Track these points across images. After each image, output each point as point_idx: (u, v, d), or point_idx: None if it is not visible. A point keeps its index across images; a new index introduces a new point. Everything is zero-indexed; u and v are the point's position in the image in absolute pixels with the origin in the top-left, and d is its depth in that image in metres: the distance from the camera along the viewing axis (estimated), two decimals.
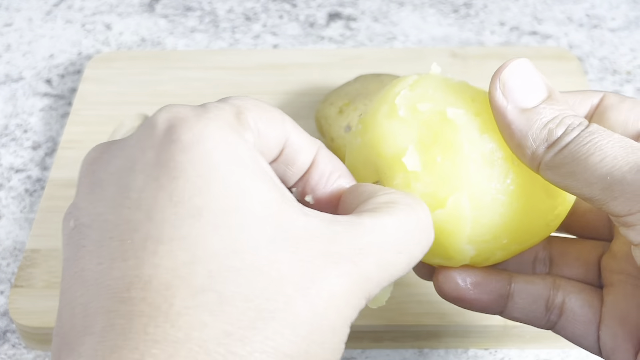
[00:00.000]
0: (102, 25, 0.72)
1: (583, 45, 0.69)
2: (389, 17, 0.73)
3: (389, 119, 0.33)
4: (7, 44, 0.71)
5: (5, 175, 0.59)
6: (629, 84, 0.66)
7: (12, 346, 0.49)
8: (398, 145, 0.33)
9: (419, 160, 0.32)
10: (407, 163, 0.32)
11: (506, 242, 0.33)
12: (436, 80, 0.34)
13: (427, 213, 0.29)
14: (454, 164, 0.32)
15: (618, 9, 0.73)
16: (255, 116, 0.28)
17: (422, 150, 0.32)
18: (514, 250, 0.34)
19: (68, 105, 0.64)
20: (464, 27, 0.71)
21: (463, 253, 0.33)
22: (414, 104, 0.33)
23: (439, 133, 0.32)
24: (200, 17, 0.73)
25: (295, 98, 0.61)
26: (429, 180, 0.32)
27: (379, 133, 0.33)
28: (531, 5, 0.74)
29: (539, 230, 0.34)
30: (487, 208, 0.32)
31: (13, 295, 0.48)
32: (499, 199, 0.32)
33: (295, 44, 0.70)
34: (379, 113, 0.34)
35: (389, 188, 0.30)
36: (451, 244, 0.33)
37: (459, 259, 0.33)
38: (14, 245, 0.54)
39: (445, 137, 0.32)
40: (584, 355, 0.48)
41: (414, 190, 0.32)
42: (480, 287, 0.34)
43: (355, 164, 0.34)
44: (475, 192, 0.31)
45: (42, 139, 0.62)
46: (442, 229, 0.32)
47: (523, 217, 0.32)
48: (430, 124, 0.32)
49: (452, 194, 0.32)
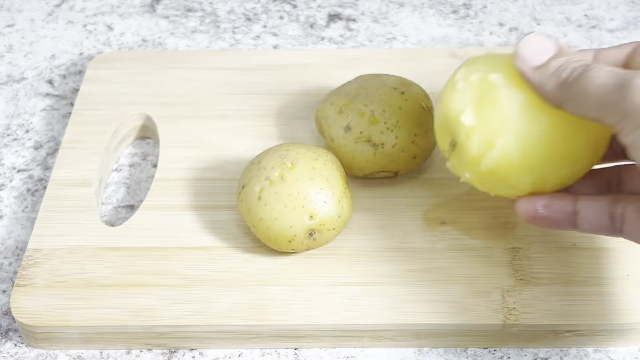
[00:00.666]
0: (103, 26, 0.73)
1: (581, 45, 0.70)
2: (389, 17, 0.73)
3: (451, 91, 0.44)
4: (9, 44, 0.71)
5: (7, 175, 0.59)
6: None
7: (14, 345, 0.49)
8: (458, 108, 0.43)
9: (473, 117, 0.43)
10: (464, 121, 0.43)
11: (554, 168, 0.42)
12: (486, 56, 0.45)
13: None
14: (498, 114, 0.42)
15: (616, 9, 0.74)
16: None
17: (476, 109, 0.43)
18: (565, 175, 0.43)
19: (70, 105, 0.65)
20: (463, 28, 0.72)
21: (521, 181, 0.43)
22: (467, 77, 0.44)
23: (486, 94, 0.42)
24: (201, 17, 0.73)
25: (295, 98, 0.61)
26: (482, 130, 0.42)
27: (446, 103, 0.44)
28: (530, 6, 0.74)
29: (581, 156, 0.43)
30: (528, 142, 0.42)
31: (15, 294, 0.49)
32: (537, 134, 0.41)
33: (296, 44, 0.70)
34: (446, 89, 0.45)
35: None
36: (509, 176, 0.43)
37: (520, 187, 0.44)
38: (15, 244, 0.55)
39: (491, 96, 0.42)
40: (582, 354, 0.48)
41: (472, 140, 0.43)
42: (550, 207, 0.44)
43: (437, 130, 0.46)
44: (517, 132, 0.42)
45: (44, 139, 0.62)
46: (498, 164, 0.42)
47: (561, 146, 0.42)
48: (480, 88, 0.43)
49: (499, 137, 0.42)
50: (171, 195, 0.54)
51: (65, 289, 0.49)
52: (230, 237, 0.52)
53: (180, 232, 0.52)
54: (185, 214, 0.53)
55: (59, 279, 0.49)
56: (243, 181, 0.50)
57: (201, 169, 0.56)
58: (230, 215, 0.53)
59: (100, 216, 0.55)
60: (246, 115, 0.60)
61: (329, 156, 0.51)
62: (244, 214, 0.50)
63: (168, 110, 0.60)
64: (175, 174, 0.56)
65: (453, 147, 0.44)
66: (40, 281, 0.49)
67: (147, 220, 0.53)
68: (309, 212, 0.48)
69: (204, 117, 0.60)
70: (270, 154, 0.50)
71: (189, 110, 0.60)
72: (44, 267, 0.50)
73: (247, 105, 0.61)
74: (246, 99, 0.61)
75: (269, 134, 0.58)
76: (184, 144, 0.58)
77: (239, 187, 0.50)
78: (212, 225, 0.52)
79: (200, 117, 0.60)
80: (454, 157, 0.45)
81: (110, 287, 0.49)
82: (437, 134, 0.46)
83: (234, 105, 0.61)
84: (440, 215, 0.53)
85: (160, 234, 0.52)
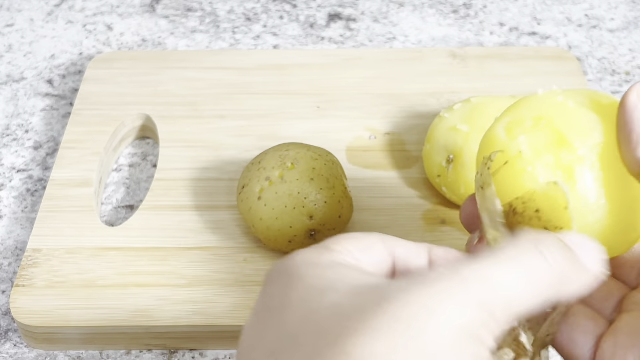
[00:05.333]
0: (103, 26, 0.73)
1: (582, 45, 0.70)
2: (389, 17, 0.73)
3: None
4: (9, 44, 0.71)
5: (7, 175, 0.59)
6: (628, 84, 0.66)
7: (14, 345, 0.49)
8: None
9: None
10: None
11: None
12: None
13: None
14: None
15: (617, 9, 0.74)
16: (346, 243, 0.31)
17: None
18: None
19: (69, 105, 0.65)
20: (463, 28, 0.72)
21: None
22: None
23: None
24: (201, 17, 0.73)
25: (295, 98, 0.61)
26: None
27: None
28: (530, 6, 0.74)
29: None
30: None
31: (14, 294, 0.48)
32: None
33: (296, 44, 0.70)
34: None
35: None
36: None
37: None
38: (15, 244, 0.54)
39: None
40: None
41: None
42: None
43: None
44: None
45: (44, 139, 0.62)
46: None
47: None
48: None
49: None
50: (171, 195, 0.54)
51: (64, 289, 0.49)
52: (230, 237, 0.52)
53: (180, 232, 0.52)
54: (185, 214, 0.53)
55: (59, 279, 0.49)
56: (243, 181, 0.50)
57: (201, 169, 0.56)
58: (230, 215, 0.53)
59: (100, 216, 0.55)
60: (246, 115, 0.60)
61: (329, 156, 0.51)
62: (244, 214, 0.50)
63: (168, 110, 0.60)
64: (175, 174, 0.56)
65: None
66: (40, 281, 0.49)
67: (146, 220, 0.53)
68: (309, 212, 0.48)
69: (203, 117, 0.60)
70: (270, 154, 0.50)
71: (189, 110, 0.60)
72: (44, 267, 0.50)
73: (246, 105, 0.61)
74: (246, 99, 0.61)
75: (269, 134, 0.58)
76: (183, 144, 0.58)
77: (239, 187, 0.50)
78: (211, 225, 0.52)
79: (199, 117, 0.60)
80: None
81: (110, 287, 0.49)
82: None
83: (233, 105, 0.61)
84: (440, 216, 0.53)
85: (160, 234, 0.52)
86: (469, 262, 0.28)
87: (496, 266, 0.28)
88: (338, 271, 0.29)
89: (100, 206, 0.56)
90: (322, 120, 0.60)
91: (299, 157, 0.49)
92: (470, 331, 0.26)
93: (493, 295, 0.27)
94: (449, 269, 0.27)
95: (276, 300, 0.29)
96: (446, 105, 0.60)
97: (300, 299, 0.28)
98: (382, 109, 0.60)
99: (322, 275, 0.29)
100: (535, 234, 0.29)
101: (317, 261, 0.30)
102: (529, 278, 0.28)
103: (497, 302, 0.27)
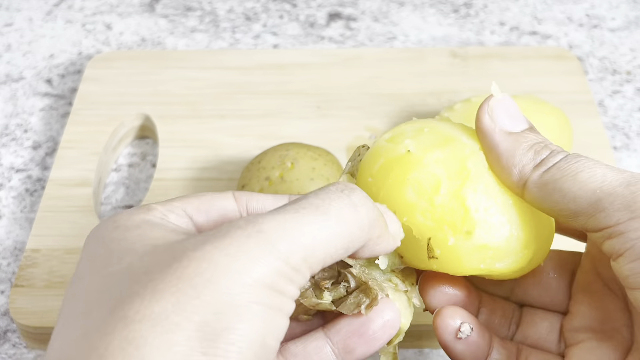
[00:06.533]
0: (102, 25, 0.72)
1: (583, 45, 0.70)
2: (389, 17, 0.73)
3: None
4: (8, 43, 0.71)
5: (6, 175, 0.59)
6: (628, 84, 0.66)
7: (13, 346, 0.49)
8: None
9: None
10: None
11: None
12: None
13: None
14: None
15: (618, 8, 0.73)
16: (176, 201, 0.31)
17: None
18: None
19: (68, 105, 0.64)
20: (464, 27, 0.71)
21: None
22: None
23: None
24: (201, 17, 0.73)
25: (295, 98, 0.61)
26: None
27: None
28: (531, 5, 0.74)
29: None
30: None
31: (13, 294, 0.48)
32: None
33: (296, 44, 0.70)
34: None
35: None
36: None
37: None
38: (14, 244, 0.54)
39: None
40: None
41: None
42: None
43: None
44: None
45: (43, 139, 0.62)
46: None
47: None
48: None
49: None
50: (170, 195, 0.54)
51: (64, 289, 0.49)
52: None
53: None
54: None
55: (58, 279, 0.49)
56: (243, 181, 0.50)
57: (200, 169, 0.56)
58: None
59: (99, 216, 0.55)
60: (246, 115, 0.60)
61: (329, 156, 0.50)
62: None
63: (167, 110, 0.60)
64: (175, 174, 0.56)
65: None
66: (39, 282, 0.49)
67: None
68: None
69: (203, 117, 0.60)
70: (270, 154, 0.50)
71: (188, 110, 0.60)
72: (43, 267, 0.50)
73: (246, 105, 0.61)
74: (246, 98, 0.61)
75: (269, 134, 0.58)
76: (183, 144, 0.58)
77: (239, 187, 0.50)
78: None
79: (199, 117, 0.60)
80: None
81: None
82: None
83: (233, 105, 0.61)
84: None
85: None
86: (271, 214, 0.27)
87: (299, 216, 0.27)
88: (141, 232, 0.28)
89: (100, 206, 0.56)
90: (322, 120, 0.60)
91: (299, 157, 0.49)
92: (267, 283, 0.26)
93: (293, 246, 0.26)
94: (248, 221, 0.27)
95: (80, 269, 0.28)
96: (447, 105, 0.60)
97: (101, 266, 0.27)
98: (382, 109, 0.60)
99: (125, 237, 0.28)
100: (345, 185, 0.29)
101: (126, 223, 0.29)
102: (338, 228, 0.28)
103: (298, 253, 0.27)
